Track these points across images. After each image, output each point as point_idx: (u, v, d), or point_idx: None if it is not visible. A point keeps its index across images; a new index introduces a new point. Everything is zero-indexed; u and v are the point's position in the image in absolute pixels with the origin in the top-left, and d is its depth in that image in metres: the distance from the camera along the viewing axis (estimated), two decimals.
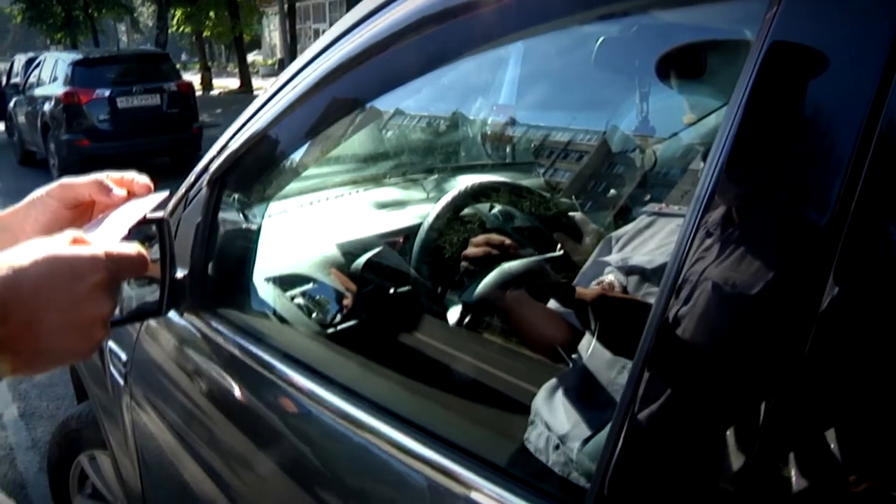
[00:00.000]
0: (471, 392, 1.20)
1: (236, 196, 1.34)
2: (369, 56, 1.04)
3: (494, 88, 5.22)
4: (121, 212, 0.76)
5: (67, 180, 0.81)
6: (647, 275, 1.20)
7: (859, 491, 0.49)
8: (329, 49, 1.14)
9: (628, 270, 1.24)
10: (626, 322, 1.15)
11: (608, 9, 0.96)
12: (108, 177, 0.82)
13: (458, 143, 5.55)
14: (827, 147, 0.51)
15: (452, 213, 1.44)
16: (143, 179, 0.85)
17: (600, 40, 1.63)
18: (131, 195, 0.81)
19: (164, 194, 0.80)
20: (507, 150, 4.83)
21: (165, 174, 9.98)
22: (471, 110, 5.62)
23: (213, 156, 1.38)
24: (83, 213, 0.81)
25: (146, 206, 0.78)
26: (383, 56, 1.04)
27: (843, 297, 0.49)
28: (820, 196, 0.50)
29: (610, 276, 1.26)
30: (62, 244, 0.61)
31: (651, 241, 1.29)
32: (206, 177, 1.35)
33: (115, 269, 0.62)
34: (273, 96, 1.25)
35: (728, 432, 0.57)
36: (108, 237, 0.68)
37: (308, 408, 1.12)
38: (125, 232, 0.70)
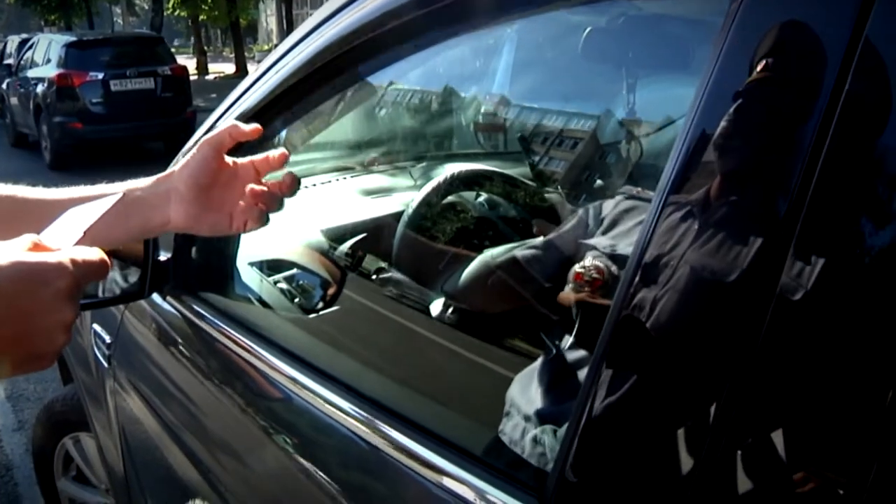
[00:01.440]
0: (450, 382, 1.21)
1: None
2: (359, 37, 1.04)
3: (488, 77, 5.21)
4: (75, 213, 0.75)
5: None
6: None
7: (815, 486, 0.50)
8: (317, 30, 1.13)
9: (614, 258, 1.24)
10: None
11: None
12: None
13: (449, 132, 5.55)
14: (787, 133, 0.51)
15: (436, 201, 1.44)
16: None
17: (587, 30, 1.63)
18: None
19: (116, 197, 0.79)
20: (500, 139, 4.84)
21: (158, 158, 9.95)
22: (463, 99, 5.62)
23: (199, 138, 1.38)
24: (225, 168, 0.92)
25: (100, 208, 0.76)
26: (374, 37, 1.03)
27: (803, 288, 0.49)
28: (780, 183, 0.51)
29: (596, 261, 1.26)
30: (22, 249, 0.60)
31: (636, 229, 1.29)
32: None
33: (80, 275, 0.62)
34: (260, 78, 1.25)
35: (686, 422, 0.57)
36: (65, 240, 0.67)
37: (289, 392, 1.13)
38: (81, 234, 0.69)
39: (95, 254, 0.65)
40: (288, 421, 1.13)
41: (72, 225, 0.71)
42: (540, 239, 1.49)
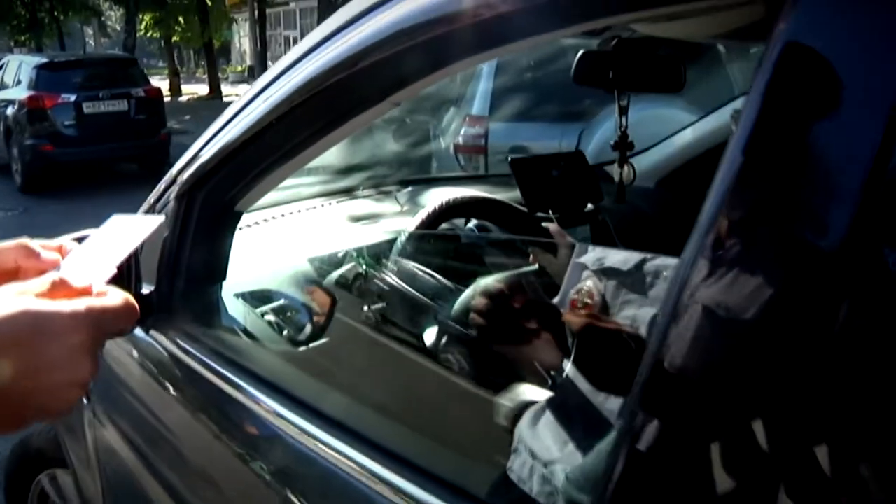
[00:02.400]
0: (450, 417, 1.17)
1: (207, 209, 1.29)
2: (349, 67, 1.01)
3: (467, 99, 5.21)
4: (104, 241, 0.68)
5: None
6: (623, 278, 1.18)
7: None
8: (304, 59, 1.10)
9: (604, 273, 1.22)
10: (605, 351, 1.12)
11: (589, 25, 0.93)
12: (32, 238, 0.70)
13: (429, 154, 5.53)
14: (840, 163, 0.49)
15: (428, 229, 1.41)
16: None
17: (580, 53, 1.61)
18: (56, 262, 0.68)
19: (160, 219, 0.72)
20: (480, 161, 4.84)
21: (132, 181, 9.86)
22: (442, 121, 5.63)
23: (182, 167, 1.34)
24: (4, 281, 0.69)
25: (137, 236, 0.69)
26: (362, 67, 1.00)
27: (850, 320, 0.47)
28: (832, 215, 0.48)
29: (589, 283, 1.23)
30: (36, 293, 0.55)
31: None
32: (174, 189, 1.30)
33: (99, 328, 0.56)
34: (245, 107, 1.21)
35: (731, 461, 0.54)
36: (94, 276, 0.60)
37: (276, 430, 1.08)
38: (114, 270, 0.62)
39: (118, 299, 0.59)
40: (276, 460, 1.09)
41: (101, 256, 0.65)
42: (535, 265, 1.46)
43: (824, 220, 0.49)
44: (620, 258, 1.18)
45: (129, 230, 0.70)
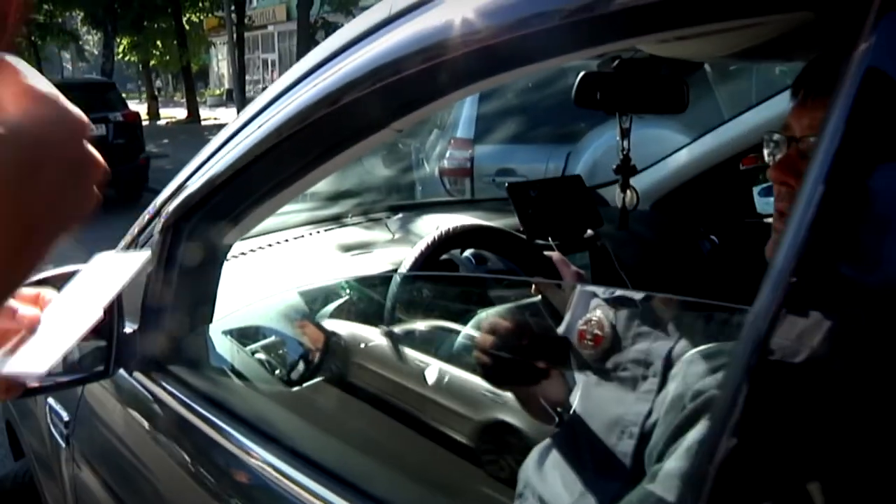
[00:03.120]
0: (454, 461, 1.10)
1: (194, 243, 1.22)
2: (343, 96, 0.95)
3: (451, 122, 5.16)
4: (90, 279, 0.62)
5: None
6: (637, 308, 1.12)
7: None
8: (295, 88, 1.04)
9: (616, 302, 1.15)
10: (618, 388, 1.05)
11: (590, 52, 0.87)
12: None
13: (413, 178, 5.47)
14: None
15: (427, 261, 1.34)
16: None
17: (581, 75, 1.56)
18: (35, 319, 0.61)
19: (145, 255, 0.66)
20: (466, 184, 4.79)
21: (111, 206, 9.70)
22: (426, 144, 5.58)
23: (166, 199, 1.27)
24: None
25: (123, 270, 0.63)
26: (357, 96, 0.94)
27: None
28: None
29: (598, 313, 1.16)
30: None
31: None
32: (159, 222, 1.23)
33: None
34: (234, 136, 1.14)
35: None
36: (77, 325, 0.54)
37: (266, 480, 1.01)
38: (100, 313, 0.56)
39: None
40: None
41: (85, 299, 0.59)
42: (537, 297, 1.40)
43: None
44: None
45: (113, 269, 0.65)
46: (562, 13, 0.72)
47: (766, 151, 0.98)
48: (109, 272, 0.65)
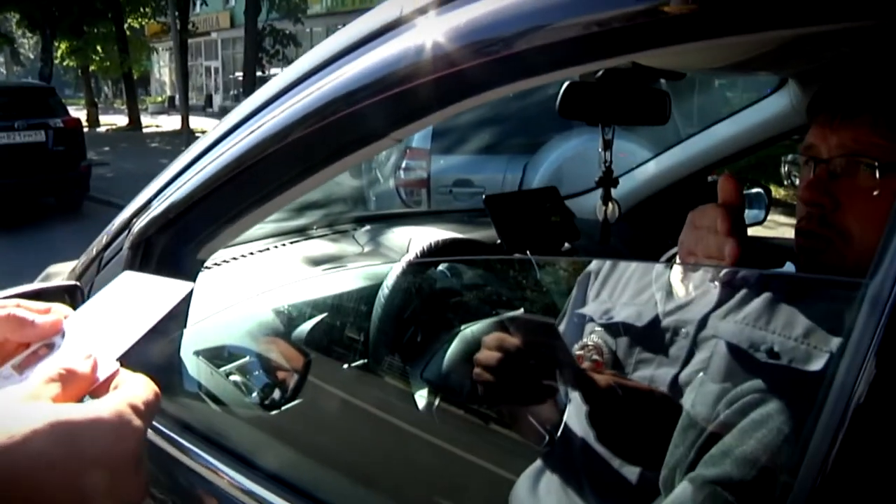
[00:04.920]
0: (442, 486, 1.06)
1: (166, 258, 1.15)
2: (325, 113, 0.90)
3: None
4: (115, 303, 0.56)
5: None
6: (637, 335, 1.08)
7: None
8: (273, 104, 0.99)
9: (614, 330, 1.12)
10: (623, 413, 1.02)
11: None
12: (18, 304, 0.56)
13: (366, 189, 5.40)
14: None
15: (414, 278, 1.29)
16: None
17: (565, 84, 1.53)
18: (57, 325, 0.56)
19: (189, 286, 0.59)
20: (423, 195, 4.74)
21: (51, 215, 9.43)
22: (380, 155, 5.51)
23: (133, 214, 1.20)
24: None
25: (159, 299, 0.57)
26: (345, 112, 0.89)
27: None
28: None
29: (595, 339, 1.13)
30: (52, 399, 0.43)
31: (631, 279, 1.17)
32: (126, 239, 1.16)
33: (141, 430, 0.45)
34: (207, 151, 1.08)
35: None
36: (106, 358, 0.49)
37: None
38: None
39: (144, 384, 0.48)
40: None
41: (112, 327, 0.53)
42: (520, 310, 1.36)
43: None
44: (632, 312, 1.08)
45: (143, 295, 0.58)
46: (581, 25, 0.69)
47: (783, 172, 0.96)
48: (140, 297, 0.59)
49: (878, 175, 0.83)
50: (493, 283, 1.51)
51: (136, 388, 0.47)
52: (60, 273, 1.42)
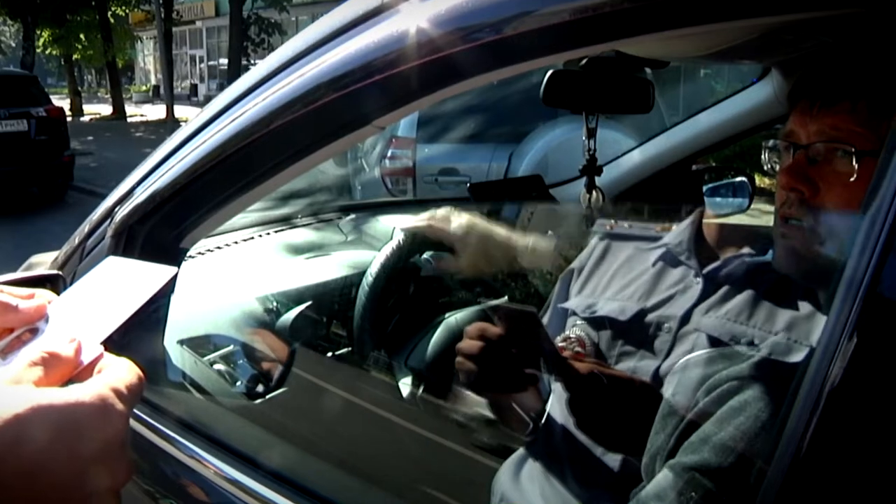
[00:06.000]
0: (425, 474, 1.06)
1: (149, 247, 1.14)
2: (310, 102, 0.90)
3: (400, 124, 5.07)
4: (97, 288, 0.56)
5: None
6: (620, 329, 1.09)
7: None
8: (263, 85, 0.98)
9: (597, 323, 1.12)
10: (604, 400, 1.03)
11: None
12: (1, 290, 0.56)
13: (352, 177, 5.38)
14: None
15: (398, 266, 1.29)
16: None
17: (549, 73, 1.53)
18: (41, 310, 0.56)
19: (172, 271, 0.59)
20: (409, 183, 4.74)
21: (34, 205, 9.35)
22: (364, 143, 5.49)
23: (116, 203, 1.19)
24: None
25: (142, 284, 0.57)
26: (330, 98, 0.89)
27: None
28: None
29: (577, 331, 1.14)
30: (34, 383, 0.43)
31: (615, 276, 1.18)
32: (109, 227, 1.15)
33: (127, 412, 0.45)
34: (191, 138, 1.08)
35: None
36: (89, 341, 0.49)
37: (233, 499, 0.95)
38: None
39: (128, 367, 0.48)
40: None
41: (94, 312, 0.52)
42: (504, 298, 1.37)
43: None
44: (615, 307, 1.09)
45: (128, 279, 0.58)
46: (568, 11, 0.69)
47: (763, 158, 0.97)
48: (122, 283, 0.59)
49: (854, 161, 0.84)
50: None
51: (120, 372, 0.47)
52: (43, 263, 1.41)
